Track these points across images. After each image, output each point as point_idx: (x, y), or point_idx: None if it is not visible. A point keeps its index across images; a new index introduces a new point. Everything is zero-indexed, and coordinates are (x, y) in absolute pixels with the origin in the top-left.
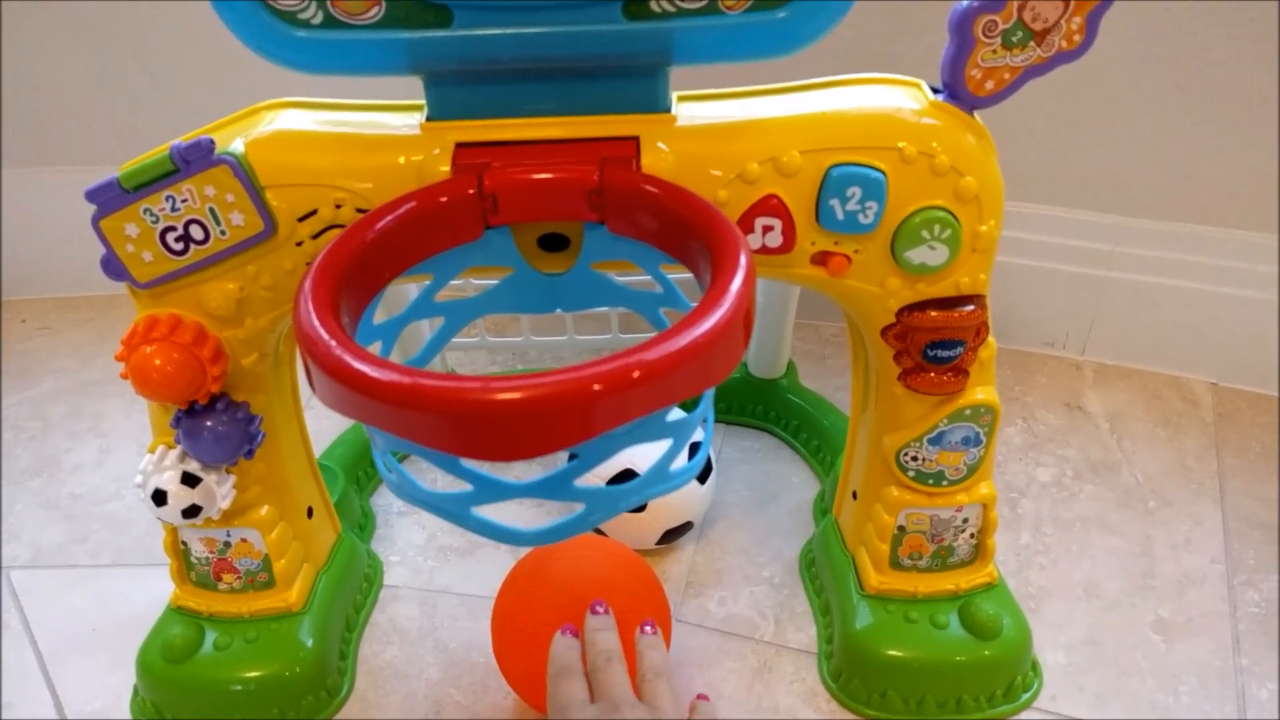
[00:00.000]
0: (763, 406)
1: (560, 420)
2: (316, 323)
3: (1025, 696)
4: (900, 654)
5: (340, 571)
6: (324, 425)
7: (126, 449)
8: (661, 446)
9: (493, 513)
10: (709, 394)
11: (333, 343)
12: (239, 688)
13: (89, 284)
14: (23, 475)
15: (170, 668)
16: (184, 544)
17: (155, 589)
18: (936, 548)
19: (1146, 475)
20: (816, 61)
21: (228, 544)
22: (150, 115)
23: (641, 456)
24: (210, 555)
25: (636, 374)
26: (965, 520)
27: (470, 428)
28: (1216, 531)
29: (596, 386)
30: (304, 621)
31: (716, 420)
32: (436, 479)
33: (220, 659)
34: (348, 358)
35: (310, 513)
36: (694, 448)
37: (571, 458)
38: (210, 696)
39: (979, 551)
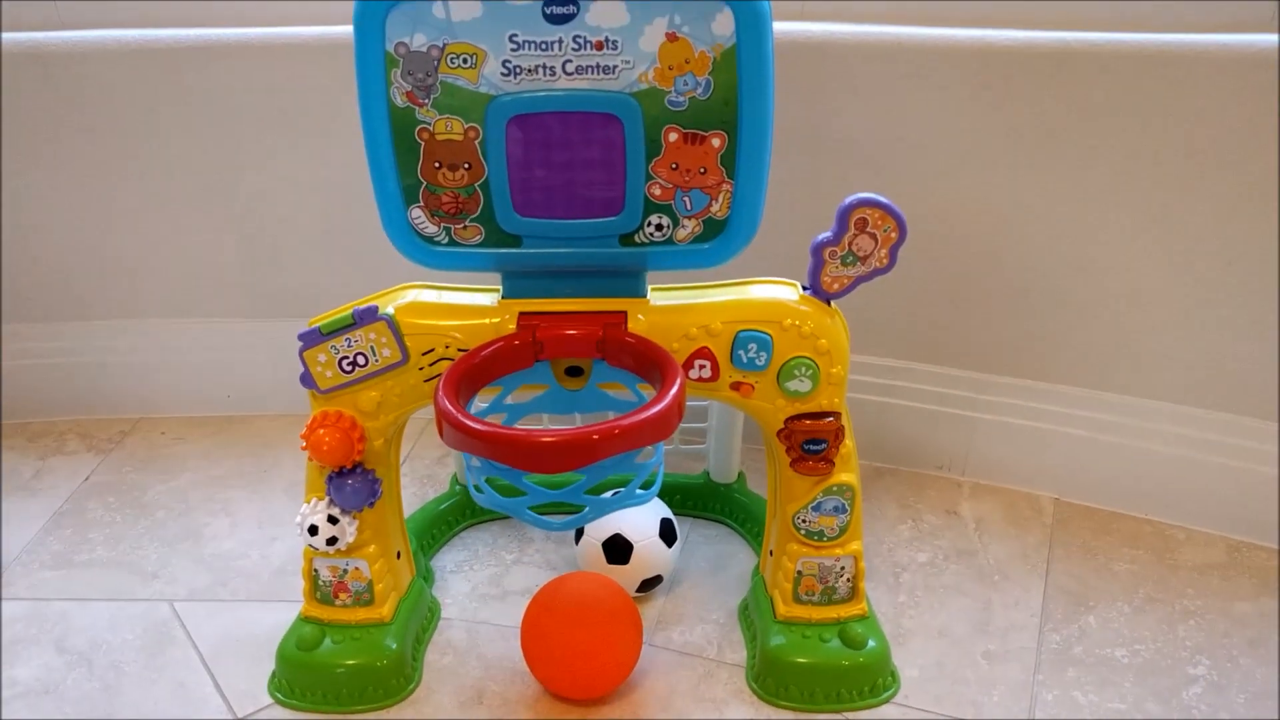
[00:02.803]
0: (719, 504)
1: (575, 452)
2: (448, 404)
3: (886, 694)
4: (799, 660)
5: (414, 600)
6: (406, 499)
7: (250, 524)
8: (641, 511)
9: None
10: (660, 449)
11: (457, 412)
12: (344, 671)
13: (212, 406)
14: (174, 540)
15: (301, 655)
16: (315, 571)
17: (277, 617)
18: (824, 587)
19: (996, 559)
20: (737, 265)
21: (345, 570)
22: (272, 283)
23: (628, 523)
24: (332, 579)
25: (617, 430)
26: (843, 568)
27: (527, 454)
28: (1038, 597)
29: (595, 436)
30: (391, 630)
31: (685, 513)
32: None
33: (334, 651)
34: (464, 419)
35: (399, 555)
36: (666, 523)
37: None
38: (326, 677)
39: (854, 592)
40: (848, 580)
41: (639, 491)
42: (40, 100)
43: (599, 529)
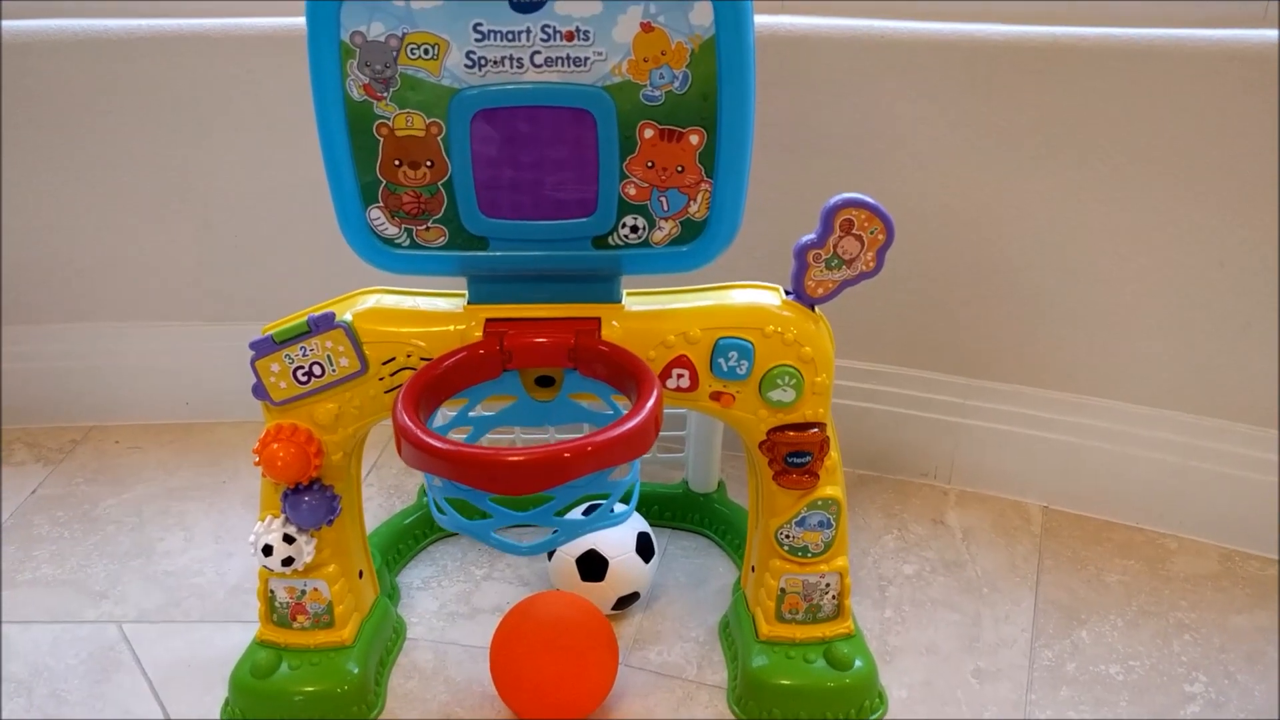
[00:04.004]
0: (699, 515)
1: (544, 472)
2: (407, 418)
3: (873, 716)
4: (783, 682)
5: (377, 621)
6: (368, 516)
7: (206, 539)
8: (620, 530)
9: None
10: (635, 466)
11: (416, 428)
12: (302, 699)
13: (169, 413)
14: (126, 556)
15: (256, 682)
16: (271, 592)
17: (232, 639)
18: (808, 605)
19: (984, 571)
20: (717, 268)
21: (303, 591)
22: (233, 285)
23: (604, 538)
24: (290, 600)
25: (590, 448)
26: (828, 584)
27: (493, 475)
28: (1029, 610)
29: (566, 454)
30: (352, 653)
31: (663, 524)
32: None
33: (292, 677)
34: (424, 436)
35: (361, 574)
36: (643, 537)
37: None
38: (283, 704)
39: (839, 610)
40: (833, 598)
41: (614, 510)
42: None
43: (573, 544)
